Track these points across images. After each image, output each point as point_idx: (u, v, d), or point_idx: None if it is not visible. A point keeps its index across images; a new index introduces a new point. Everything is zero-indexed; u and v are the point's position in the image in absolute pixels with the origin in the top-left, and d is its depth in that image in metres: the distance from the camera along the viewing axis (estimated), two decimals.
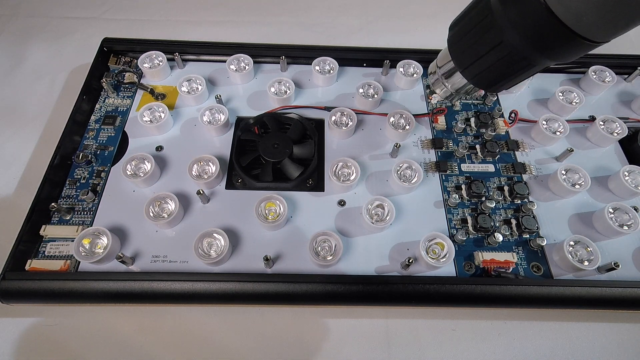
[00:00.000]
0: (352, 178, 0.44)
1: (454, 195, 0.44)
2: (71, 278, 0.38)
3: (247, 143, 0.49)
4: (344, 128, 0.48)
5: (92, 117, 0.50)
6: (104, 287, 0.37)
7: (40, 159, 0.48)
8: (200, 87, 0.52)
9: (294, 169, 0.46)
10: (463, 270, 0.41)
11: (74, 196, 0.44)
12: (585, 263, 0.40)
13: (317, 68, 0.54)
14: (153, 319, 0.40)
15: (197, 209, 0.44)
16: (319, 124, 0.51)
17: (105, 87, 0.52)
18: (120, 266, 0.39)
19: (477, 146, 0.50)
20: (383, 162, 0.48)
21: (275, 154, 0.46)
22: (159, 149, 0.48)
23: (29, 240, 0.40)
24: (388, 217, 0.42)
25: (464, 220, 0.44)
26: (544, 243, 0.41)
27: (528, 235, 0.43)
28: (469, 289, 0.38)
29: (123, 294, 0.37)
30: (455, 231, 0.43)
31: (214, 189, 0.45)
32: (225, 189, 0.45)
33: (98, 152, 0.47)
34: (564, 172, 0.45)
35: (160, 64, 0.54)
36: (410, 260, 0.39)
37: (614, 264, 0.39)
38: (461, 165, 0.48)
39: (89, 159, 0.46)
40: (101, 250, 0.39)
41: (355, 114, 0.49)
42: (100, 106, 0.52)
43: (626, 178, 0.45)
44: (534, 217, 0.44)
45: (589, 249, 0.40)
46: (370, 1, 0.74)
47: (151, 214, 0.41)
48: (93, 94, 0.52)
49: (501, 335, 0.40)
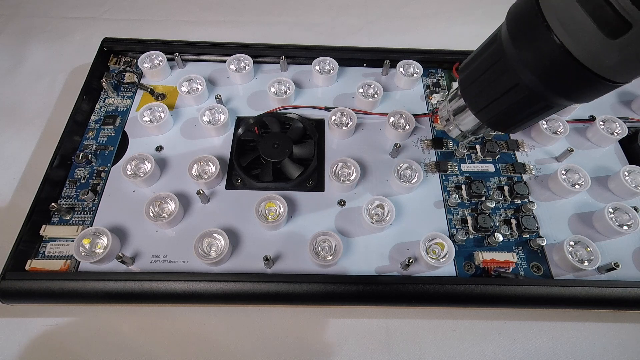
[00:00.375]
0: (352, 178, 0.44)
1: (454, 195, 0.44)
2: (71, 278, 0.38)
3: (247, 143, 0.49)
4: (344, 128, 0.48)
5: (92, 117, 0.50)
6: (104, 287, 0.37)
7: (40, 159, 0.48)
8: (200, 87, 0.52)
9: (294, 169, 0.46)
10: (463, 270, 0.41)
11: (74, 196, 0.44)
12: (585, 263, 0.40)
13: (317, 68, 0.54)
14: (153, 319, 0.40)
15: (197, 209, 0.44)
16: (319, 124, 0.51)
17: (105, 87, 0.52)
18: (120, 266, 0.39)
19: (477, 146, 0.50)
20: (383, 162, 0.48)
21: (275, 154, 0.46)
22: (159, 149, 0.48)
23: (29, 240, 0.40)
24: (388, 217, 0.42)
25: (464, 220, 0.44)
26: (544, 243, 0.41)
27: (528, 235, 0.43)
28: (469, 289, 0.38)
29: (123, 294, 0.37)
30: (455, 231, 0.43)
31: (214, 189, 0.45)
32: (225, 189, 0.45)
33: (98, 152, 0.47)
34: (564, 172, 0.45)
35: (160, 64, 0.54)
36: (410, 260, 0.39)
37: (614, 264, 0.39)
38: (461, 165, 0.48)
39: (89, 159, 0.46)
40: (101, 250, 0.39)
41: (355, 114, 0.49)
42: (100, 106, 0.52)
43: (626, 178, 0.45)
44: (534, 217, 0.44)
45: (589, 249, 0.40)
46: (370, 1, 0.74)
47: (151, 214, 0.41)
48: (93, 94, 0.52)
49: (501, 335, 0.41)
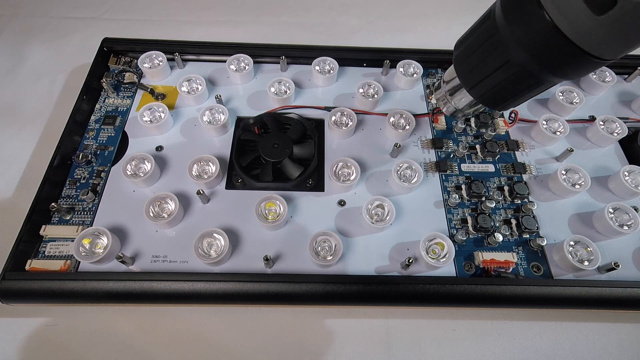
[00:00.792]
0: (352, 178, 0.44)
1: (454, 195, 0.44)
2: (71, 278, 0.38)
3: (247, 143, 0.49)
4: (344, 128, 0.48)
5: (92, 117, 0.50)
6: (104, 287, 0.37)
7: (40, 159, 0.48)
8: (200, 87, 0.52)
9: (294, 169, 0.46)
10: (463, 270, 0.41)
11: (74, 196, 0.44)
12: (585, 263, 0.40)
13: (317, 68, 0.54)
14: (153, 319, 0.40)
15: (197, 209, 0.44)
16: (319, 124, 0.51)
17: (105, 87, 0.52)
18: (120, 266, 0.39)
19: (477, 146, 0.50)
20: (383, 162, 0.48)
21: (275, 154, 0.46)
22: (159, 149, 0.48)
23: (29, 240, 0.40)
24: (388, 217, 0.42)
25: (464, 220, 0.44)
26: (544, 243, 0.41)
27: (528, 235, 0.43)
28: (469, 289, 0.38)
29: (123, 294, 0.37)
30: (455, 231, 0.43)
31: (214, 189, 0.45)
32: (225, 189, 0.45)
33: (98, 152, 0.47)
34: (564, 172, 0.45)
35: (160, 64, 0.54)
36: (410, 260, 0.39)
37: (614, 264, 0.39)
38: (461, 165, 0.48)
39: (89, 159, 0.46)
40: (101, 250, 0.39)
41: (355, 114, 0.49)
42: (100, 106, 0.52)
43: (626, 178, 0.45)
44: (534, 217, 0.44)
45: (589, 249, 0.40)
46: (370, 1, 0.74)
47: (151, 214, 0.41)
48: (93, 94, 0.52)
49: (501, 335, 0.41)
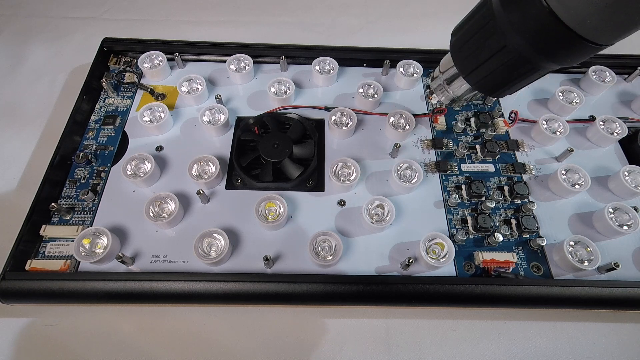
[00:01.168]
0: (352, 178, 0.44)
1: (454, 195, 0.44)
2: (71, 278, 0.38)
3: (247, 143, 0.49)
4: (344, 128, 0.48)
5: (92, 117, 0.50)
6: (104, 287, 0.37)
7: (40, 159, 0.48)
8: (200, 87, 0.52)
9: (294, 169, 0.46)
10: (463, 270, 0.41)
11: (74, 196, 0.44)
12: (585, 263, 0.40)
13: (317, 68, 0.54)
14: (153, 319, 0.40)
15: (197, 209, 0.44)
16: (319, 124, 0.51)
17: (105, 87, 0.52)
18: (120, 266, 0.39)
19: (477, 146, 0.50)
20: (383, 162, 0.48)
21: (275, 154, 0.46)
22: (159, 149, 0.48)
23: (29, 240, 0.40)
24: (388, 217, 0.42)
25: (464, 220, 0.44)
26: (544, 243, 0.41)
27: (528, 235, 0.43)
28: (469, 289, 0.38)
29: (123, 294, 0.37)
30: (455, 231, 0.43)
31: (214, 189, 0.45)
32: (225, 189, 0.45)
33: (98, 152, 0.47)
34: (564, 172, 0.45)
35: (160, 64, 0.54)
36: (410, 260, 0.39)
37: (614, 264, 0.39)
38: (461, 165, 0.48)
39: (89, 159, 0.46)
40: (101, 250, 0.39)
41: (355, 114, 0.49)
42: (100, 106, 0.52)
43: (626, 178, 0.45)
44: (534, 217, 0.44)
45: (589, 249, 0.40)
46: (370, 1, 0.74)
47: (151, 214, 0.41)
48: (93, 94, 0.52)
49: (501, 335, 0.40)
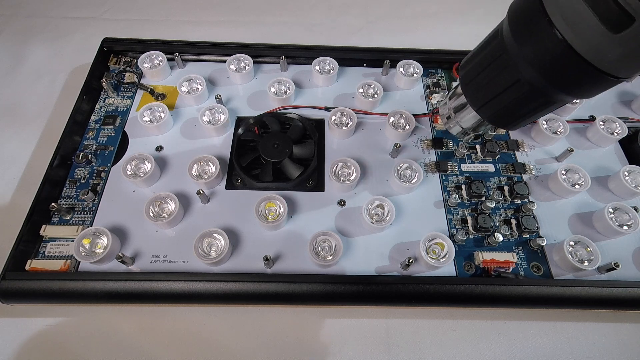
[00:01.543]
0: (352, 178, 0.44)
1: (454, 195, 0.44)
2: (71, 278, 0.38)
3: (247, 143, 0.49)
4: (344, 128, 0.48)
5: (92, 117, 0.50)
6: (104, 287, 0.37)
7: (40, 159, 0.48)
8: (200, 87, 0.52)
9: (294, 169, 0.46)
10: (463, 270, 0.41)
11: (74, 196, 0.44)
12: (585, 263, 0.40)
13: (317, 68, 0.54)
14: (153, 319, 0.40)
15: (197, 209, 0.44)
16: (319, 124, 0.51)
17: (105, 87, 0.52)
18: (120, 266, 0.39)
19: (477, 146, 0.50)
20: (383, 162, 0.48)
21: (275, 154, 0.46)
22: (159, 149, 0.48)
23: (29, 240, 0.40)
24: (388, 217, 0.42)
25: (464, 220, 0.44)
26: (544, 243, 0.41)
27: (528, 235, 0.43)
28: (469, 289, 0.38)
29: (123, 294, 0.37)
30: (455, 231, 0.43)
31: (214, 189, 0.45)
32: (225, 189, 0.45)
33: (98, 152, 0.47)
34: (564, 172, 0.45)
35: (160, 64, 0.54)
36: (410, 260, 0.39)
37: (614, 264, 0.39)
38: (461, 165, 0.48)
39: (89, 159, 0.46)
40: (101, 250, 0.39)
41: (355, 114, 0.49)
42: (100, 106, 0.52)
43: (626, 178, 0.45)
44: (534, 217, 0.44)
45: (589, 249, 0.40)
46: (370, 1, 0.74)
47: (151, 214, 0.41)
48: (93, 94, 0.52)
49: (501, 335, 0.41)
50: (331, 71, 0.54)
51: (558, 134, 0.49)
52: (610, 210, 0.43)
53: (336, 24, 0.70)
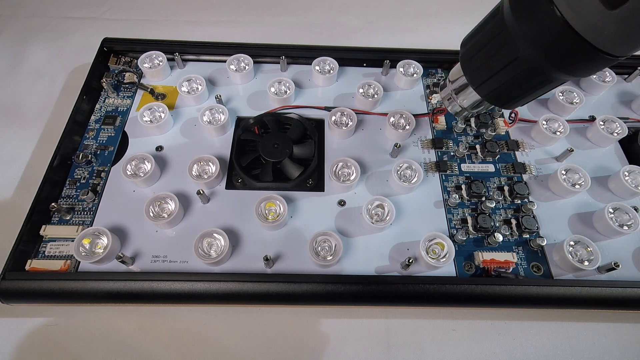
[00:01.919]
0: (352, 178, 0.44)
1: (454, 195, 0.44)
2: (71, 278, 0.38)
3: (247, 143, 0.49)
4: (344, 128, 0.48)
5: (92, 117, 0.50)
6: (104, 287, 0.37)
7: (40, 159, 0.48)
8: (200, 87, 0.52)
9: (294, 169, 0.46)
10: (463, 270, 0.41)
11: (74, 196, 0.44)
12: (585, 263, 0.40)
13: (317, 68, 0.54)
14: (153, 319, 0.40)
15: (197, 209, 0.44)
16: (319, 124, 0.51)
17: (105, 87, 0.52)
18: (120, 266, 0.39)
19: (477, 146, 0.50)
20: (383, 162, 0.48)
21: (275, 154, 0.46)
22: (159, 149, 0.48)
23: (29, 240, 0.40)
24: (388, 217, 0.42)
25: (464, 220, 0.44)
26: (544, 243, 0.41)
27: (528, 235, 0.43)
28: (469, 289, 0.38)
29: (123, 294, 0.37)
30: (455, 231, 0.43)
31: (214, 189, 0.45)
32: (225, 189, 0.45)
33: (98, 152, 0.47)
34: (564, 172, 0.45)
35: (160, 64, 0.54)
36: (410, 260, 0.39)
37: (614, 264, 0.39)
38: (461, 165, 0.48)
39: (89, 159, 0.46)
40: (101, 250, 0.39)
41: (355, 114, 0.49)
42: (100, 106, 0.52)
43: (626, 178, 0.45)
44: (534, 217, 0.44)
45: (589, 249, 0.40)
46: (370, 1, 0.74)
47: (151, 214, 0.41)
48: (93, 94, 0.52)
49: (501, 335, 0.41)
50: (331, 71, 0.54)
51: (558, 134, 0.49)
52: (610, 210, 0.43)
53: (336, 24, 0.70)
